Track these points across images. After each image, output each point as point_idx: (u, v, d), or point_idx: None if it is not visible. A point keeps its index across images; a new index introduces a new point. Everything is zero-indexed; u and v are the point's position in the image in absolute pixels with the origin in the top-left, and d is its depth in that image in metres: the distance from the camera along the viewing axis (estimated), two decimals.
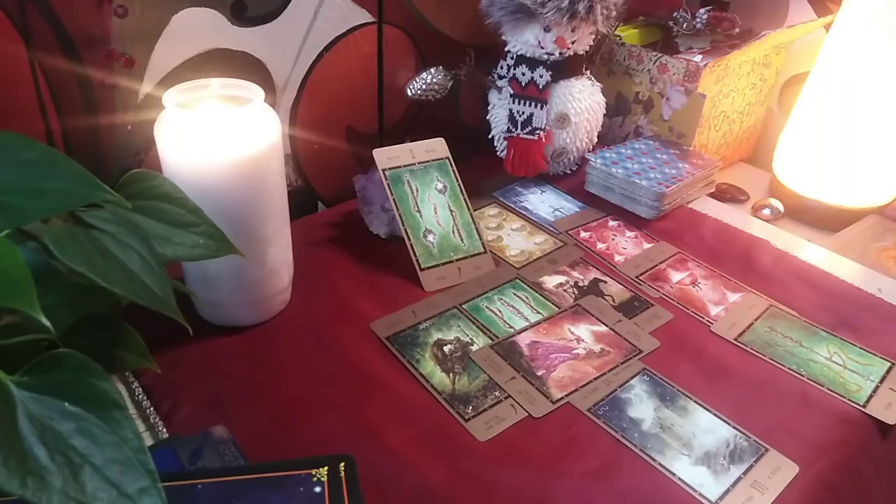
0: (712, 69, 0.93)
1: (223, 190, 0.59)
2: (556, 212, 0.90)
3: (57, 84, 0.66)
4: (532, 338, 0.68)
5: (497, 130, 0.96)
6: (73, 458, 0.33)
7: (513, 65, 0.91)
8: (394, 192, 0.77)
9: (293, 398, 0.60)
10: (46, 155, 0.37)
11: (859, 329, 0.72)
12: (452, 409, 0.60)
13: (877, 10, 0.85)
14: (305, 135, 0.87)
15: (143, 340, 0.46)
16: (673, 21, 1.10)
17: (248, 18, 0.76)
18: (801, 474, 0.55)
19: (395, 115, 0.96)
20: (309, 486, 0.49)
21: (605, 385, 0.63)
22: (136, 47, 0.69)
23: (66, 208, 0.37)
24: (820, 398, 0.63)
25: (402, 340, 0.67)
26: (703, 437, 0.58)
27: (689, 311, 0.73)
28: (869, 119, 0.88)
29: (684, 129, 0.98)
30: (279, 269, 0.67)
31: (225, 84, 0.62)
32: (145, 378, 0.60)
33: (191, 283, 0.65)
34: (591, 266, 0.80)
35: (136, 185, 0.46)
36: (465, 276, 0.76)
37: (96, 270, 0.37)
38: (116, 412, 0.35)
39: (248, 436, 0.55)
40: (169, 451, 0.52)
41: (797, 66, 1.10)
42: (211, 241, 0.47)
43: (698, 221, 0.89)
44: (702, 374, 0.65)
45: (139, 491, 0.34)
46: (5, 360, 0.35)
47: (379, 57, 0.90)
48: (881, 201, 0.95)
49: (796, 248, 0.85)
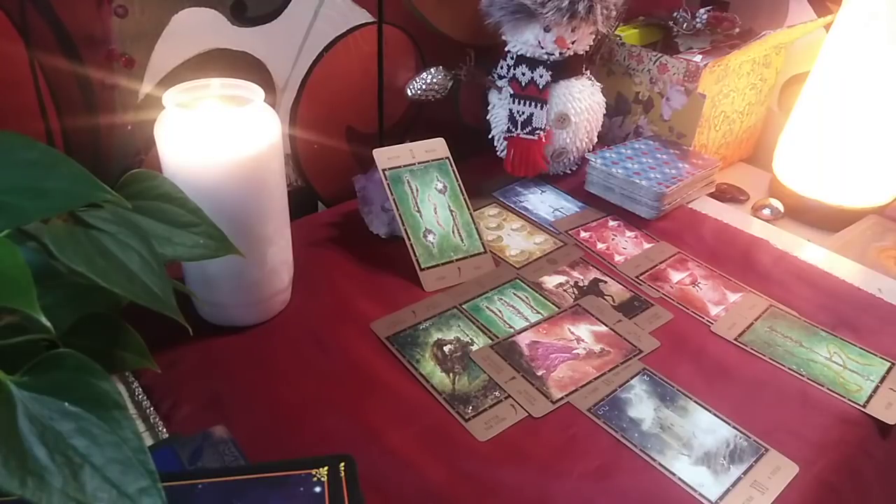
0: (712, 69, 0.93)
1: (223, 190, 0.59)
2: (556, 212, 0.90)
3: (57, 84, 0.66)
4: (532, 338, 0.68)
5: (497, 130, 0.96)
6: (73, 458, 0.33)
7: (513, 65, 0.91)
8: (394, 192, 0.77)
9: (293, 398, 0.60)
10: (46, 155, 0.37)
11: (859, 329, 0.72)
12: (452, 409, 0.60)
13: (876, 10, 0.85)
14: (305, 135, 0.87)
15: (143, 340, 0.46)
16: (673, 21, 1.10)
17: (248, 18, 0.76)
18: (801, 474, 0.55)
19: (395, 115, 0.96)
20: (309, 486, 0.49)
21: (605, 385, 0.63)
22: (136, 47, 0.69)
23: (66, 208, 0.37)
24: (820, 398, 0.63)
25: (402, 340, 0.67)
26: (703, 437, 0.58)
27: (689, 311, 0.73)
28: (869, 119, 0.88)
29: (684, 129, 0.98)
30: (279, 269, 0.67)
31: (225, 84, 0.62)
32: (145, 378, 0.60)
33: (191, 283, 0.65)
34: (591, 266, 0.80)
35: (136, 185, 0.46)
36: (465, 276, 0.76)
37: (96, 270, 0.37)
38: (116, 412, 0.35)
39: (248, 436, 0.55)
40: (169, 451, 0.52)
41: (797, 66, 1.10)
42: (211, 241, 0.47)
43: (698, 221, 0.89)
44: (702, 374, 0.65)
45: (139, 491, 0.34)
46: (5, 360, 0.35)
47: (379, 57, 0.90)
48: (881, 201, 0.95)
49: (796, 248, 0.85)
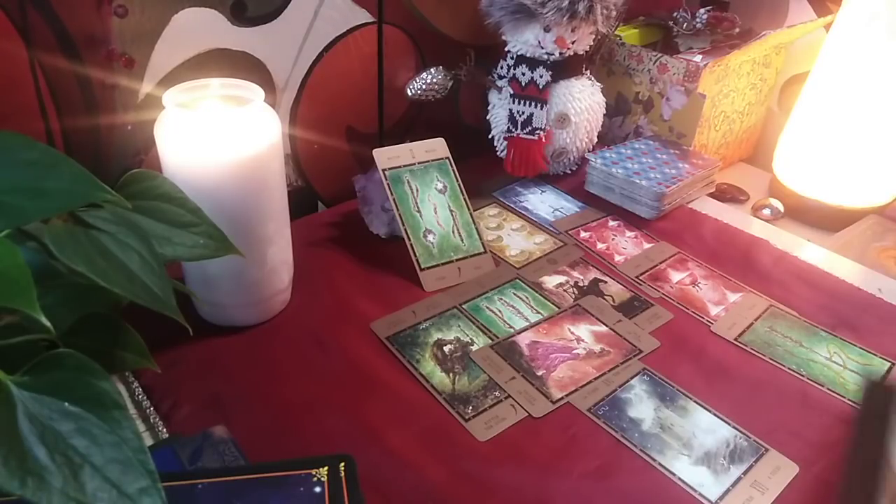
0: (712, 69, 0.93)
1: (223, 190, 0.59)
2: (556, 212, 0.90)
3: (57, 84, 0.66)
4: (532, 338, 0.68)
5: (497, 130, 0.96)
6: (73, 458, 0.33)
7: (513, 65, 0.91)
8: (394, 192, 0.77)
9: (293, 398, 0.60)
10: (46, 155, 0.37)
11: (859, 329, 0.72)
12: (452, 409, 0.60)
13: (877, 10, 0.85)
14: (305, 135, 0.87)
15: (143, 340, 0.46)
16: (673, 21, 1.10)
17: (248, 18, 0.76)
18: (801, 474, 0.56)
19: (395, 115, 0.96)
20: (309, 486, 0.49)
21: (605, 385, 0.63)
22: (136, 47, 0.69)
23: (66, 208, 0.37)
24: (820, 398, 0.63)
25: (402, 340, 0.67)
26: (703, 437, 0.58)
27: (689, 311, 0.73)
28: (869, 119, 0.88)
29: (684, 129, 0.98)
30: (279, 269, 0.67)
31: (225, 84, 0.62)
32: (145, 378, 0.60)
33: (191, 283, 0.65)
34: (591, 266, 0.80)
35: (136, 185, 0.46)
36: (465, 276, 0.76)
37: (96, 270, 0.37)
38: (116, 412, 0.35)
39: (248, 436, 0.55)
40: (169, 451, 0.52)
41: (797, 66, 1.10)
42: (211, 241, 0.47)
43: (698, 221, 0.89)
44: (702, 374, 0.65)
45: (139, 491, 0.34)
46: (5, 360, 0.35)
47: (379, 57, 0.90)
48: (881, 201, 0.95)
49: (796, 248, 0.85)
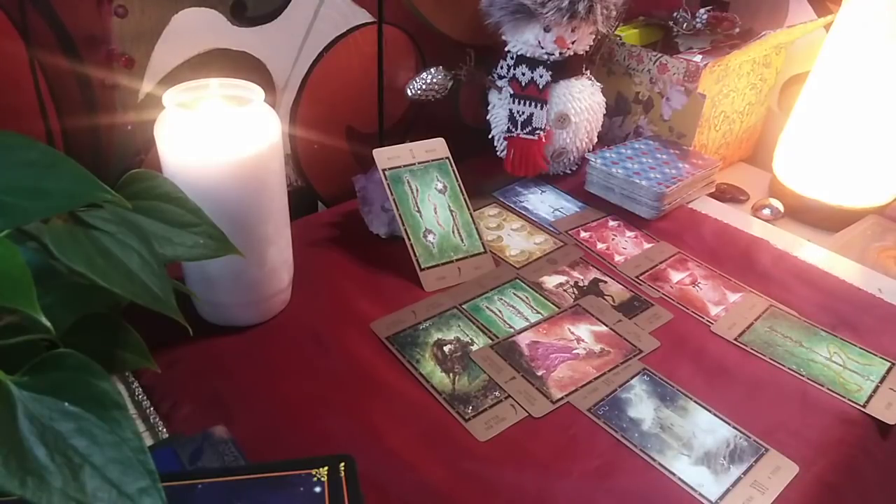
0: (712, 69, 0.93)
1: (223, 190, 0.59)
2: (556, 212, 0.90)
3: (57, 84, 0.66)
4: (532, 338, 0.68)
5: (497, 130, 0.96)
6: (73, 458, 0.33)
7: (513, 65, 0.91)
8: (394, 192, 0.77)
9: (293, 398, 0.60)
10: (46, 155, 0.37)
11: (859, 329, 0.72)
12: (452, 409, 0.60)
13: (877, 10, 0.85)
14: (305, 135, 0.87)
15: (143, 340, 0.46)
16: (673, 21, 1.10)
17: (248, 18, 0.76)
18: (801, 474, 0.55)
19: (395, 115, 0.96)
20: (309, 486, 0.49)
21: (605, 385, 0.63)
22: (136, 47, 0.69)
23: (66, 208, 0.37)
24: (820, 398, 0.63)
25: (402, 340, 0.67)
26: (703, 437, 0.58)
27: (689, 311, 0.73)
28: (869, 119, 0.88)
29: (684, 129, 0.98)
30: (279, 269, 0.67)
31: (225, 84, 0.62)
32: (145, 378, 0.60)
33: (191, 283, 0.65)
34: (591, 266, 0.80)
35: (136, 185, 0.46)
36: (465, 276, 0.76)
37: (96, 270, 0.37)
38: (116, 412, 0.35)
39: (248, 436, 0.55)
40: (169, 451, 0.52)
41: (797, 66, 1.10)
42: (211, 241, 0.47)
43: (698, 221, 0.89)
44: (702, 374, 0.65)
45: (139, 491, 0.34)
46: (5, 360, 0.35)
47: (379, 57, 0.90)
48: (881, 201, 0.95)
49: (796, 248, 0.85)
